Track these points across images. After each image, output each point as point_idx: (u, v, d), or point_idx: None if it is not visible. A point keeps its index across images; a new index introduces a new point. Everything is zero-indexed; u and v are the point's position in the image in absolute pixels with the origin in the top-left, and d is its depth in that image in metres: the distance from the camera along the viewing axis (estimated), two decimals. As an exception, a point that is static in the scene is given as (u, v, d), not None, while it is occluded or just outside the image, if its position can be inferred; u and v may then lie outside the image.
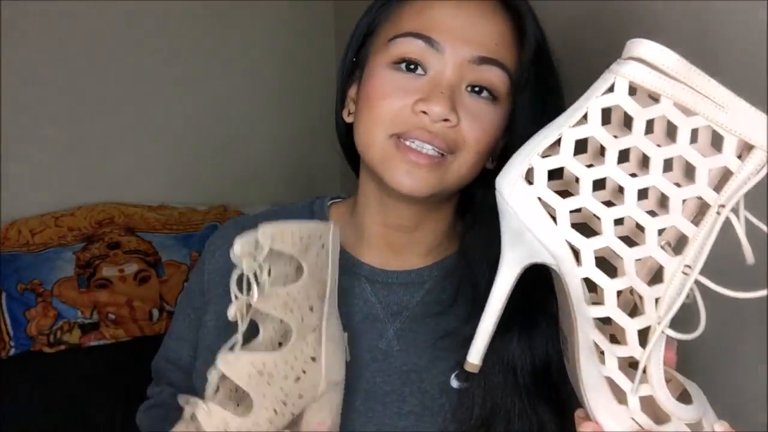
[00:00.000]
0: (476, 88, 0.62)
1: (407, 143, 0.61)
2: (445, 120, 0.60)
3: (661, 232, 0.42)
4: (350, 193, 0.77)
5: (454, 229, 0.73)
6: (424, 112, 0.60)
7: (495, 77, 0.62)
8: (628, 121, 0.43)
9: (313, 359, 0.58)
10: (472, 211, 0.70)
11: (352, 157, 0.71)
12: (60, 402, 1.34)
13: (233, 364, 0.54)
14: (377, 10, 0.68)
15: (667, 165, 0.43)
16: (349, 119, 0.69)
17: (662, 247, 0.43)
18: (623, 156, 0.43)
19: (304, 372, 0.57)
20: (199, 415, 0.54)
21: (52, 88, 1.64)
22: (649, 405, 0.45)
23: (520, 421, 0.65)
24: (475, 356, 0.50)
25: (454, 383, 0.68)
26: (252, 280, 0.55)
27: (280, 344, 0.58)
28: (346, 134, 0.71)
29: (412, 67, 0.62)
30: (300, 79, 1.86)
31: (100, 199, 1.64)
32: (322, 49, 1.85)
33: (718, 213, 0.40)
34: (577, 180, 0.43)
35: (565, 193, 0.44)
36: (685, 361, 0.50)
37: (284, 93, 1.88)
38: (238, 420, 0.54)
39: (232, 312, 0.55)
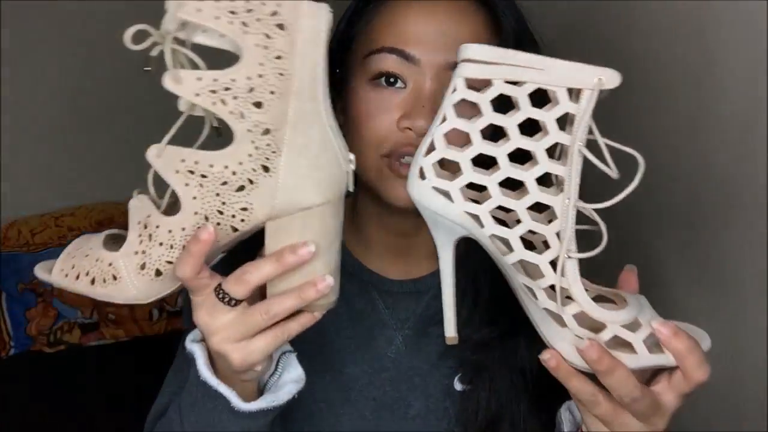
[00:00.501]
0: None
1: (399, 160, 0.61)
2: None
3: (539, 180, 0.50)
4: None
5: None
6: (409, 128, 0.60)
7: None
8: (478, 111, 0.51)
9: (266, 169, 0.50)
10: None
11: None
12: (60, 402, 1.34)
13: (160, 155, 0.50)
14: (347, 23, 0.67)
15: (531, 132, 0.51)
16: None
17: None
18: (490, 137, 0.51)
19: (251, 182, 0.50)
20: (131, 203, 0.51)
21: (52, 87, 1.64)
22: (586, 320, 0.51)
23: (526, 424, 0.65)
24: (449, 330, 0.56)
25: (458, 386, 0.69)
26: (169, 60, 0.48)
27: None
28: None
29: (391, 80, 0.62)
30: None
31: (100, 199, 1.64)
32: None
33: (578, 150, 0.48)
34: (458, 166, 0.51)
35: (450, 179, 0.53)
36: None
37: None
38: (161, 216, 0.51)
39: (181, 104, 0.50)
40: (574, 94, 0.49)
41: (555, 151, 0.51)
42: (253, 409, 0.54)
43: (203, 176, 0.49)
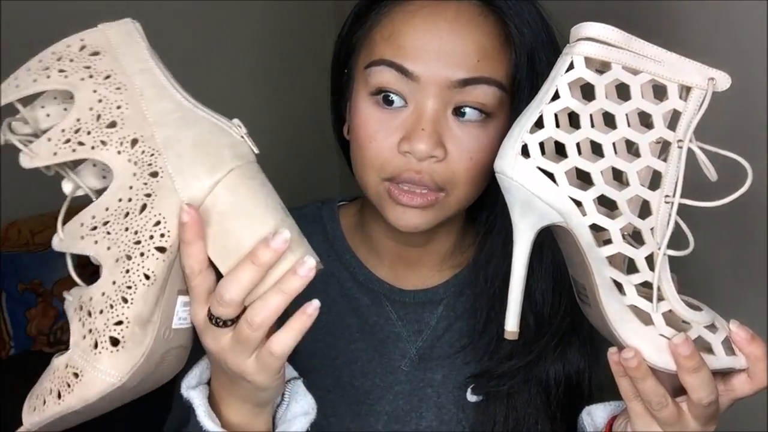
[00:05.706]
0: (462, 111, 0.58)
1: (399, 186, 0.59)
2: (432, 156, 0.57)
3: (639, 174, 0.49)
4: (352, 194, 0.76)
5: (464, 237, 0.72)
6: (409, 152, 0.58)
7: (482, 95, 0.58)
8: (588, 91, 0.50)
9: (155, 174, 0.46)
10: (487, 214, 0.68)
11: None
12: (60, 402, 1.34)
13: (63, 238, 0.47)
14: (349, 26, 0.64)
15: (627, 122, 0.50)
16: (348, 137, 0.66)
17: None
18: (591, 121, 0.50)
19: (149, 195, 0.46)
20: (65, 306, 0.48)
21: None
22: (668, 321, 0.50)
23: None
24: (511, 324, 0.53)
25: (471, 397, 0.68)
26: (19, 145, 0.46)
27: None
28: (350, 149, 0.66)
29: (391, 99, 0.58)
30: (299, 78, 1.85)
31: (100, 199, 1.64)
32: (321, 49, 1.87)
33: (679, 147, 0.48)
34: (561, 146, 0.50)
35: (555, 160, 0.51)
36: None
37: (283, 93, 1.87)
38: (88, 287, 0.47)
39: (65, 186, 0.49)
40: (684, 90, 0.48)
41: (657, 147, 0.50)
42: None
43: (105, 223, 0.46)
